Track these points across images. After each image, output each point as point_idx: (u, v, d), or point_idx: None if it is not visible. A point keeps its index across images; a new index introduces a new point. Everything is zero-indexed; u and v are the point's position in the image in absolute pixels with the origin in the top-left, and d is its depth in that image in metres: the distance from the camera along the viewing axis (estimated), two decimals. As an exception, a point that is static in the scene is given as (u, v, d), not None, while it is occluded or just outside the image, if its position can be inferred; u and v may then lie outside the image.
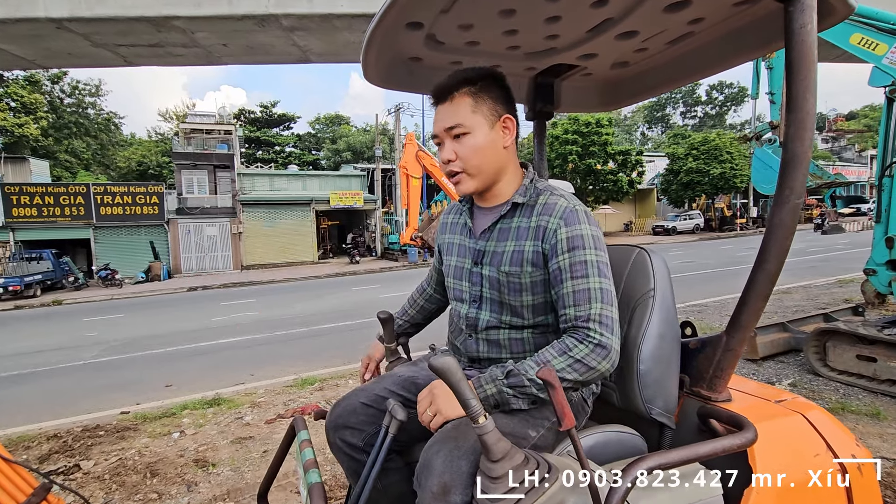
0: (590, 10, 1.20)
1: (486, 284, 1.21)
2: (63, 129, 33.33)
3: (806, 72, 0.96)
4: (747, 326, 1.06)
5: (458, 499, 0.89)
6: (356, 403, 1.26)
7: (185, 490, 2.84)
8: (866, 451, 1.06)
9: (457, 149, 1.15)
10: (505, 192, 1.23)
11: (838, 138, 55.95)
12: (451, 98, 1.14)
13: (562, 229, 1.10)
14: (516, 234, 1.17)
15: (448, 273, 1.33)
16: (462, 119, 1.13)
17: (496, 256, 1.19)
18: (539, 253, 1.13)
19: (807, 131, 0.97)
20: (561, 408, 0.77)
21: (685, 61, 1.50)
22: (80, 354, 7.82)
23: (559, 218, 1.11)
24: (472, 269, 1.24)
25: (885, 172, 4.43)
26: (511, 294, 1.17)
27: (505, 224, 1.20)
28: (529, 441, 1.04)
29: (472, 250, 1.25)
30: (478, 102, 1.14)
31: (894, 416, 3.33)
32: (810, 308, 6.72)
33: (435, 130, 1.19)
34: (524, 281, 1.14)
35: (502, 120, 1.17)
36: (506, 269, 1.16)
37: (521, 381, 1.01)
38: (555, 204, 1.14)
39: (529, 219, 1.16)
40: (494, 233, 1.21)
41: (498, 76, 1.19)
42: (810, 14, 0.95)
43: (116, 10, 10.62)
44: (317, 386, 4.75)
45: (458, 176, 1.18)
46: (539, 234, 1.13)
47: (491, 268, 1.19)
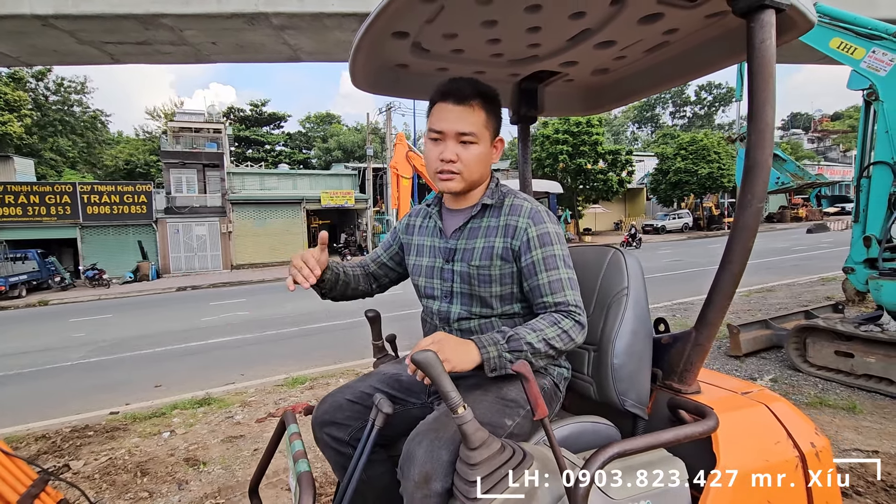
0: (568, 21, 1.25)
1: (458, 279, 1.30)
2: (48, 126, 32.79)
3: (765, 84, 1.02)
4: (714, 323, 1.12)
5: (438, 486, 0.94)
6: (342, 400, 1.31)
7: (176, 489, 2.86)
8: (825, 439, 1.13)
9: (461, 153, 1.24)
10: (475, 197, 1.34)
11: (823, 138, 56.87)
12: (471, 105, 1.22)
13: (531, 228, 1.23)
14: (486, 233, 1.28)
15: (418, 273, 1.40)
16: (476, 129, 1.23)
17: (467, 253, 1.29)
18: (508, 249, 1.24)
19: (767, 140, 1.03)
20: (534, 399, 0.83)
21: (663, 68, 1.57)
22: (67, 355, 7.75)
23: (527, 217, 1.24)
24: (444, 266, 1.33)
25: (863, 173, 4.54)
26: (481, 285, 1.26)
27: (475, 223, 1.31)
28: (506, 429, 1.09)
29: (443, 249, 1.34)
30: (489, 118, 1.25)
31: (870, 409, 3.44)
32: (793, 305, 6.87)
33: (441, 127, 1.23)
34: (493, 273, 1.25)
35: (497, 140, 1.31)
36: (476, 262, 1.26)
37: (519, 345, 1.10)
38: (521, 206, 1.27)
39: (498, 218, 1.28)
40: (465, 231, 1.31)
41: (499, 101, 1.31)
42: (769, 30, 1.01)
43: (103, 8, 10.50)
44: (307, 385, 4.77)
45: (451, 175, 1.26)
46: (509, 231, 1.25)
47: (462, 263, 1.29)
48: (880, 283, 4.14)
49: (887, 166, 4.23)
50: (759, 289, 8.81)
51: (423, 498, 0.95)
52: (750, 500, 1.01)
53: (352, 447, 1.26)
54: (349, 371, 5.22)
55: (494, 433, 1.00)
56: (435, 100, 1.25)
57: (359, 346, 6.70)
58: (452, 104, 1.22)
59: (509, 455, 0.90)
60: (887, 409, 3.43)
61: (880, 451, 2.84)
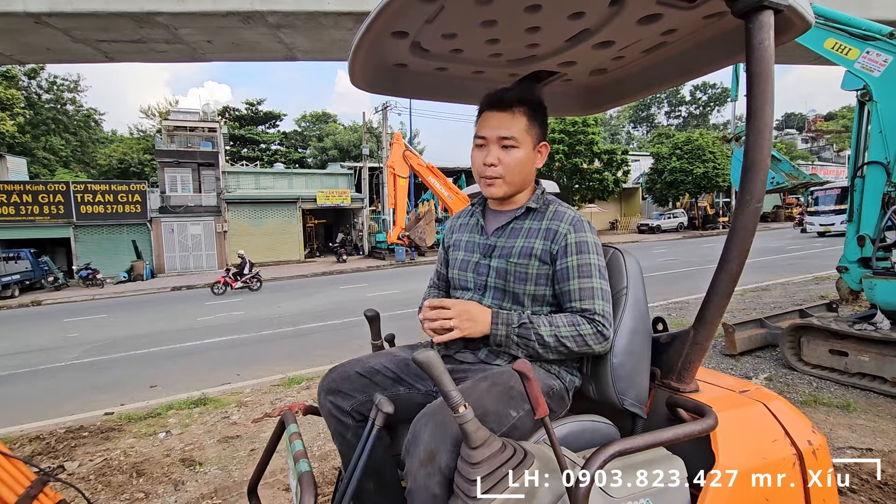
0: (567, 22, 1.25)
1: (493, 274, 1.34)
2: (40, 125, 32.50)
3: (764, 84, 1.03)
4: (713, 322, 1.13)
5: (442, 462, 0.97)
6: (351, 371, 1.34)
7: (172, 489, 2.84)
8: (822, 437, 1.14)
9: (502, 157, 1.29)
10: (520, 200, 1.39)
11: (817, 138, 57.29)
12: (512, 111, 1.28)
13: (571, 234, 1.27)
14: (527, 234, 1.33)
15: (454, 266, 1.45)
16: (517, 133, 1.28)
17: (506, 250, 1.33)
18: (547, 252, 1.28)
19: (765, 140, 1.03)
20: (535, 397, 0.83)
21: (660, 69, 1.57)
22: (61, 356, 7.70)
23: (569, 224, 1.29)
24: (481, 261, 1.38)
25: (856, 173, 4.58)
26: (517, 282, 1.30)
27: (517, 224, 1.36)
28: (510, 419, 1.09)
29: (482, 245, 1.39)
30: (531, 124, 1.30)
31: (864, 407, 3.47)
32: (787, 304, 6.92)
33: (484, 133, 1.31)
34: (530, 272, 1.29)
35: (541, 145, 1.36)
36: (514, 259, 1.31)
37: (528, 333, 1.16)
38: (564, 213, 1.32)
39: (540, 222, 1.33)
40: (507, 231, 1.36)
41: (544, 108, 1.36)
42: (768, 31, 1.01)
43: (97, 5, 10.43)
44: (304, 385, 4.76)
45: (494, 180, 1.32)
46: (549, 235, 1.29)
47: (500, 259, 1.33)
48: (874, 281, 4.17)
49: (881, 166, 4.27)
50: (754, 288, 8.86)
51: (427, 476, 0.98)
52: (748, 497, 1.01)
53: (352, 417, 1.30)
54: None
55: (498, 422, 1.05)
56: (482, 109, 1.33)
57: (354, 345, 6.70)
58: (496, 111, 1.29)
59: (510, 454, 0.91)
60: (881, 407, 3.46)
61: (874, 448, 2.87)
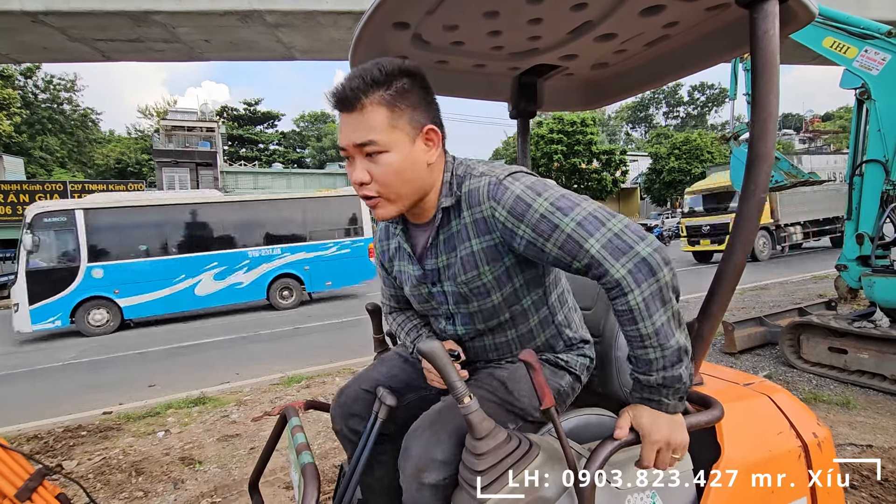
0: (570, 13, 1.25)
1: (451, 301, 1.11)
2: (37, 125, 32.42)
3: (769, 75, 1.02)
4: (717, 315, 1.12)
5: (430, 479, 0.94)
6: (357, 390, 1.28)
7: (172, 488, 2.83)
8: (826, 430, 1.13)
9: (371, 169, 0.96)
10: (430, 204, 1.07)
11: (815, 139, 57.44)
12: (361, 107, 0.93)
13: (497, 210, 0.96)
14: (459, 238, 1.04)
15: (411, 300, 1.23)
16: (377, 135, 0.93)
17: (450, 269, 1.07)
18: (492, 246, 1.01)
19: (770, 132, 1.03)
20: (541, 387, 0.83)
21: (662, 62, 1.57)
22: (58, 355, 7.67)
23: (490, 200, 0.97)
24: (432, 289, 1.14)
25: (855, 171, 4.59)
26: (478, 299, 1.07)
27: (445, 233, 1.07)
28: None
29: (420, 276, 1.14)
30: (395, 113, 0.94)
31: (863, 405, 3.48)
32: (786, 303, 6.94)
33: (341, 143, 0.98)
34: (486, 281, 1.04)
35: (425, 132, 0.99)
36: (463, 278, 1.05)
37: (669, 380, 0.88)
38: (477, 189, 1.00)
39: (461, 217, 1.03)
40: (439, 246, 1.08)
41: (414, 72, 0.99)
42: (773, 21, 1.01)
43: (94, 4, 10.40)
44: (303, 384, 4.75)
45: (374, 200, 0.99)
46: (481, 227, 1.01)
47: (449, 283, 1.08)
48: (873, 279, 4.18)
49: (879, 164, 4.28)
50: (753, 287, 8.88)
51: (417, 490, 0.96)
52: (754, 489, 1.01)
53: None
54: (345, 370, 5.20)
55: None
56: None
57: (353, 344, 6.68)
58: (344, 112, 0.95)
59: (515, 445, 0.90)
60: (880, 404, 3.47)
61: (874, 445, 2.87)
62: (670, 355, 0.87)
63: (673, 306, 0.87)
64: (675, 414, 0.90)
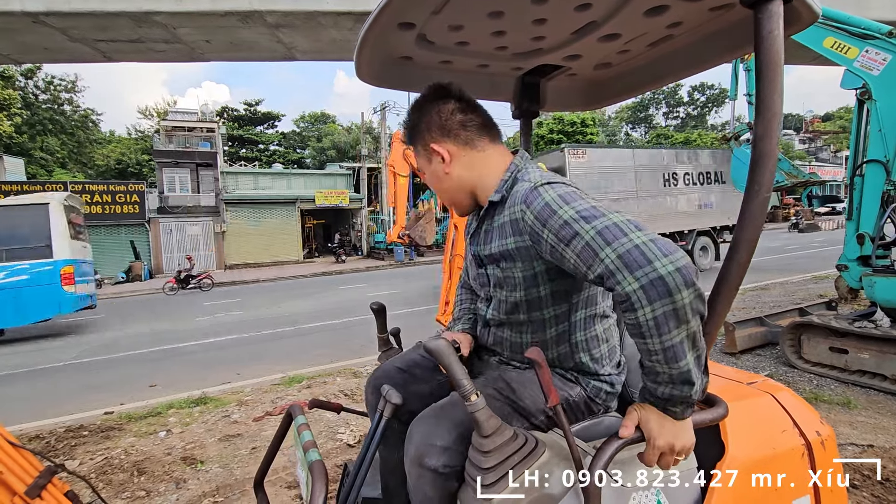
0: (574, 14, 1.25)
1: (491, 283, 1.21)
2: (37, 125, 32.41)
3: (773, 75, 1.03)
4: (720, 313, 1.12)
5: (430, 462, 0.97)
6: (392, 368, 1.36)
7: (174, 487, 2.83)
8: (829, 429, 1.14)
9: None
10: (487, 195, 1.20)
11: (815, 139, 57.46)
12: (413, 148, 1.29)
13: (527, 213, 1.02)
14: (499, 233, 1.13)
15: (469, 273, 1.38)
16: (420, 167, 1.29)
17: (492, 257, 1.16)
18: (524, 248, 1.06)
19: (774, 131, 1.03)
20: (547, 385, 0.83)
21: (665, 63, 1.57)
22: (59, 356, 7.66)
23: (522, 204, 1.04)
24: (479, 270, 1.26)
25: (856, 172, 4.60)
26: (508, 290, 1.15)
27: (488, 225, 1.19)
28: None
29: (473, 255, 1.28)
30: (418, 152, 1.26)
31: (864, 404, 3.49)
32: (787, 303, 6.95)
33: None
34: (516, 275, 1.11)
35: (430, 151, 1.21)
36: (501, 265, 1.14)
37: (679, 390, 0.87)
38: (517, 192, 1.08)
39: (503, 214, 1.12)
40: (481, 235, 1.22)
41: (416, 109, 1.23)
42: (777, 21, 1.01)
43: (95, 5, 10.42)
44: (304, 384, 4.75)
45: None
46: (515, 227, 1.07)
47: (492, 267, 1.18)
48: (874, 279, 4.19)
49: (880, 164, 4.28)
50: (753, 287, 8.89)
51: (418, 476, 0.99)
52: (757, 487, 1.01)
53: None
54: (346, 370, 5.21)
55: None
56: None
57: (355, 344, 6.69)
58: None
59: (521, 443, 0.90)
60: (881, 404, 3.47)
61: (875, 445, 2.88)
62: (678, 375, 0.85)
63: (690, 328, 0.83)
64: (682, 420, 0.91)
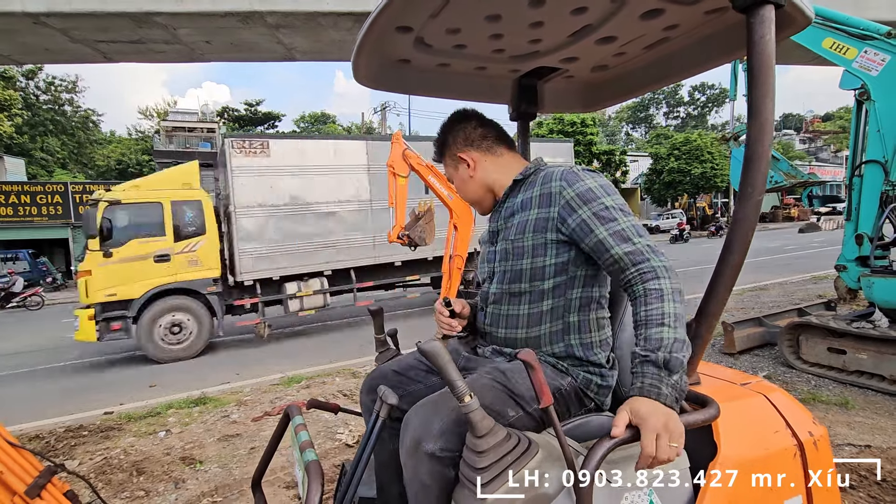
0: (570, 17, 1.26)
1: (498, 258, 1.32)
2: (38, 126, 32.43)
3: (765, 78, 1.04)
4: (714, 314, 1.13)
5: (427, 447, 0.99)
6: (388, 370, 1.41)
7: (173, 487, 2.84)
8: (823, 429, 1.14)
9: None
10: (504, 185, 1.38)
11: (815, 139, 57.44)
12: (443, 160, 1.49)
13: (567, 189, 1.17)
14: (521, 206, 1.28)
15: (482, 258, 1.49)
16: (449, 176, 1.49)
17: (507, 231, 1.29)
18: (545, 218, 1.20)
19: (766, 134, 1.04)
20: (539, 386, 0.84)
21: (661, 65, 1.58)
22: (60, 356, 7.67)
23: (560, 180, 1.19)
24: (489, 248, 1.38)
25: (855, 172, 4.60)
26: (514, 259, 1.25)
27: (510, 202, 1.33)
28: (507, 419, 1.08)
29: (489, 234, 1.40)
30: (448, 165, 1.46)
31: (862, 405, 3.49)
32: (785, 303, 6.94)
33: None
34: (525, 244, 1.23)
35: (457, 159, 1.43)
36: (512, 237, 1.26)
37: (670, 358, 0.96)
38: (552, 172, 1.24)
39: (532, 190, 1.27)
40: (503, 212, 1.35)
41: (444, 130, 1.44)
42: (769, 25, 1.02)
43: (96, 6, 10.43)
44: (303, 384, 4.76)
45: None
46: (545, 200, 1.21)
47: (503, 242, 1.30)
48: (872, 280, 4.19)
49: (879, 165, 4.28)
50: (752, 287, 8.88)
51: (416, 465, 1.00)
52: (750, 487, 1.02)
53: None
54: (345, 370, 5.22)
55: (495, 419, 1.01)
56: None
57: (353, 345, 6.70)
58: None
59: (515, 443, 0.91)
60: (879, 405, 3.48)
61: (873, 445, 2.88)
62: (678, 341, 0.99)
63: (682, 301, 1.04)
64: (671, 408, 0.94)
